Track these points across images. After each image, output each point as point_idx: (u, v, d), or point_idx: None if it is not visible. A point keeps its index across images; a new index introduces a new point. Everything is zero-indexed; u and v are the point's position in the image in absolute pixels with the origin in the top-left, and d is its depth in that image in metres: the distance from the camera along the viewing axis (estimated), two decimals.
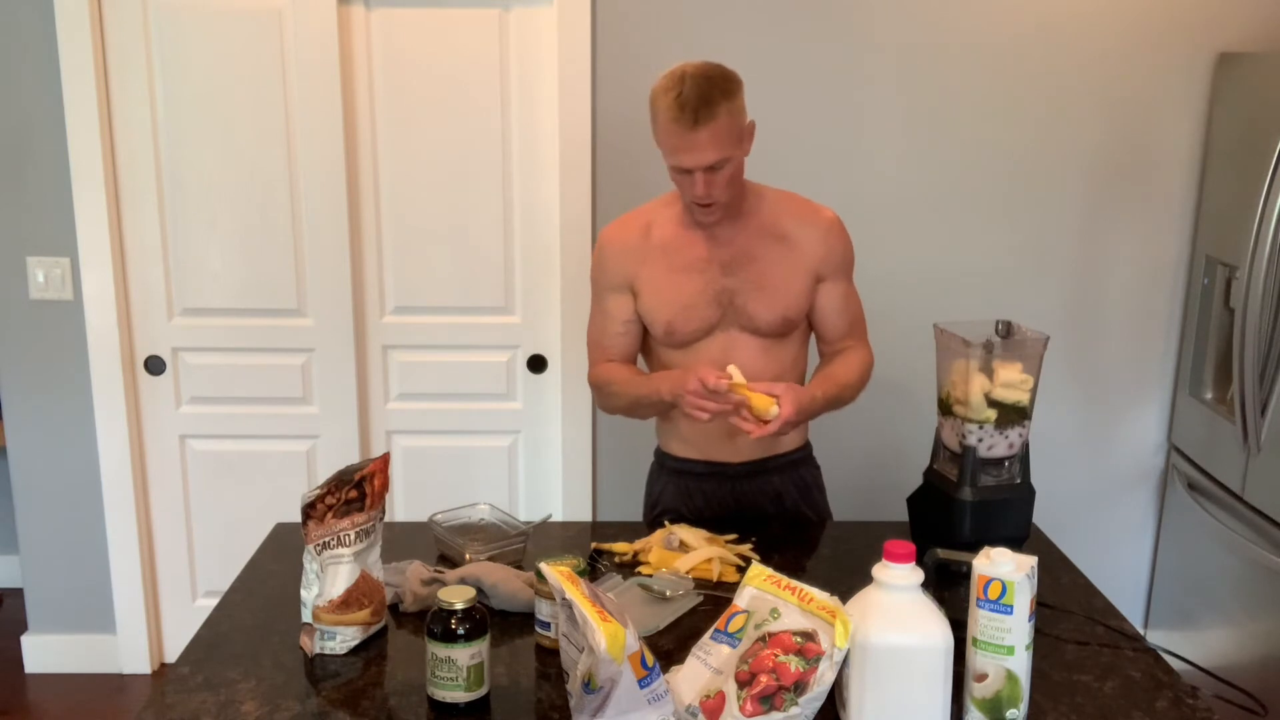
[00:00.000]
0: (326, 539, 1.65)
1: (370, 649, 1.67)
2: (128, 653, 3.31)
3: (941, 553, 1.78)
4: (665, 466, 2.28)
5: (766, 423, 1.91)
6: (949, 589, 1.74)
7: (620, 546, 2.01)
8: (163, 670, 3.37)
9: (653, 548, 1.97)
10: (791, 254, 2.09)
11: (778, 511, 2.22)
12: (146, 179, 3.07)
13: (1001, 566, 1.43)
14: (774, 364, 2.13)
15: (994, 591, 1.43)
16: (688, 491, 2.23)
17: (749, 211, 2.09)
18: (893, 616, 1.41)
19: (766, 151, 3.03)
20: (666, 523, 2.06)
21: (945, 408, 1.99)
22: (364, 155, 3.09)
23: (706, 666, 1.48)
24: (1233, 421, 2.75)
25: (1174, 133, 3.05)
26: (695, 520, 2.11)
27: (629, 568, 1.95)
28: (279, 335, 3.17)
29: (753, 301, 2.07)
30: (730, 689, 1.42)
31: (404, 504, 3.28)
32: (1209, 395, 3.00)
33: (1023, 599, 1.42)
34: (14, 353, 3.14)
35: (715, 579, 1.88)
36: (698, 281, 2.07)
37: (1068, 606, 1.81)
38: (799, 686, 1.39)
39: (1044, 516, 2.30)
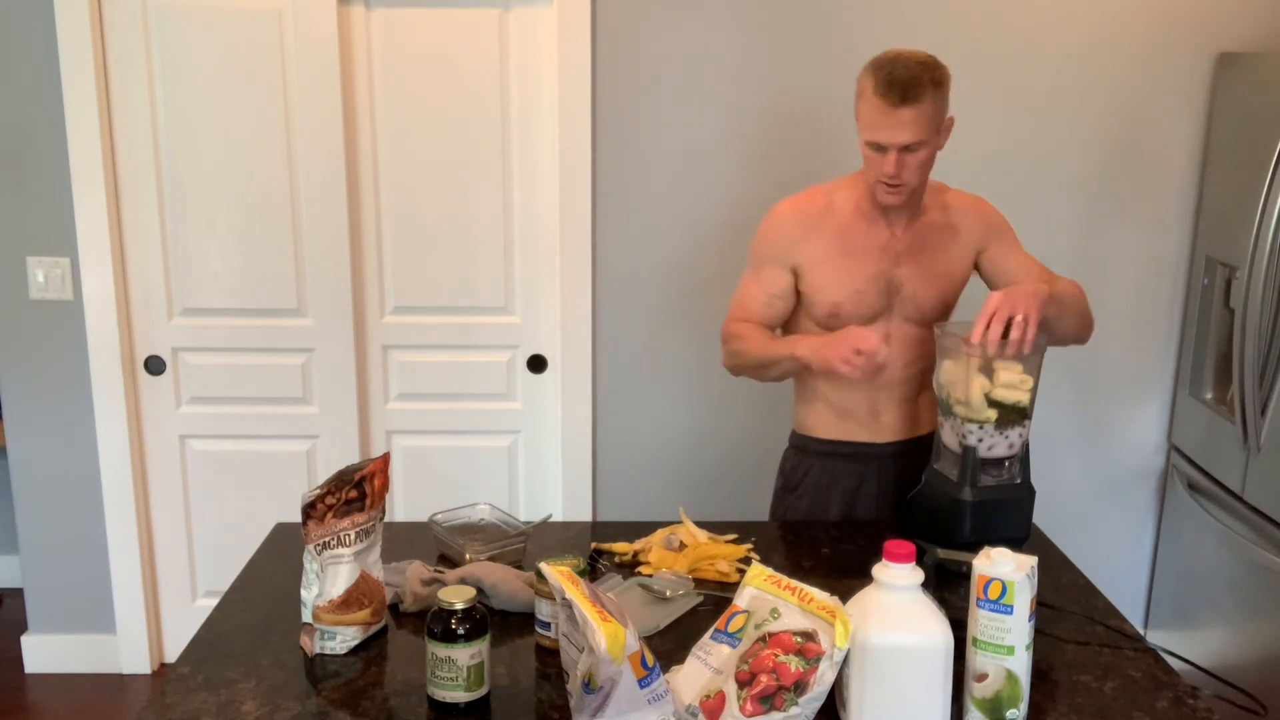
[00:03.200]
0: (326, 539, 1.65)
1: (370, 649, 1.67)
2: (128, 653, 3.31)
3: (941, 553, 1.78)
4: (809, 450, 2.28)
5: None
6: (949, 589, 1.74)
7: (620, 546, 2.01)
8: (163, 670, 3.37)
9: (653, 548, 1.97)
10: (956, 240, 2.16)
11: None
12: (146, 179, 3.07)
13: (1001, 566, 1.43)
14: (923, 355, 2.19)
15: (994, 591, 1.43)
16: (836, 472, 2.24)
17: (923, 204, 2.14)
18: (893, 616, 1.41)
19: (766, 150, 3.04)
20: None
21: (945, 408, 1.99)
22: (364, 155, 3.09)
23: (706, 666, 1.48)
24: (1233, 421, 2.75)
25: (1174, 133, 3.05)
26: (844, 505, 2.19)
27: (629, 568, 1.95)
28: (279, 335, 3.17)
29: (922, 290, 2.13)
30: (730, 689, 1.42)
31: (404, 504, 3.28)
32: (1209, 395, 3.00)
33: (1023, 599, 1.42)
34: (14, 353, 3.14)
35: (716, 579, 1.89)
36: (871, 268, 2.11)
37: (1068, 606, 1.81)
38: (799, 686, 1.39)
39: (1044, 516, 2.29)
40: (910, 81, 1.93)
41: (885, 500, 2.24)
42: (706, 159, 3.06)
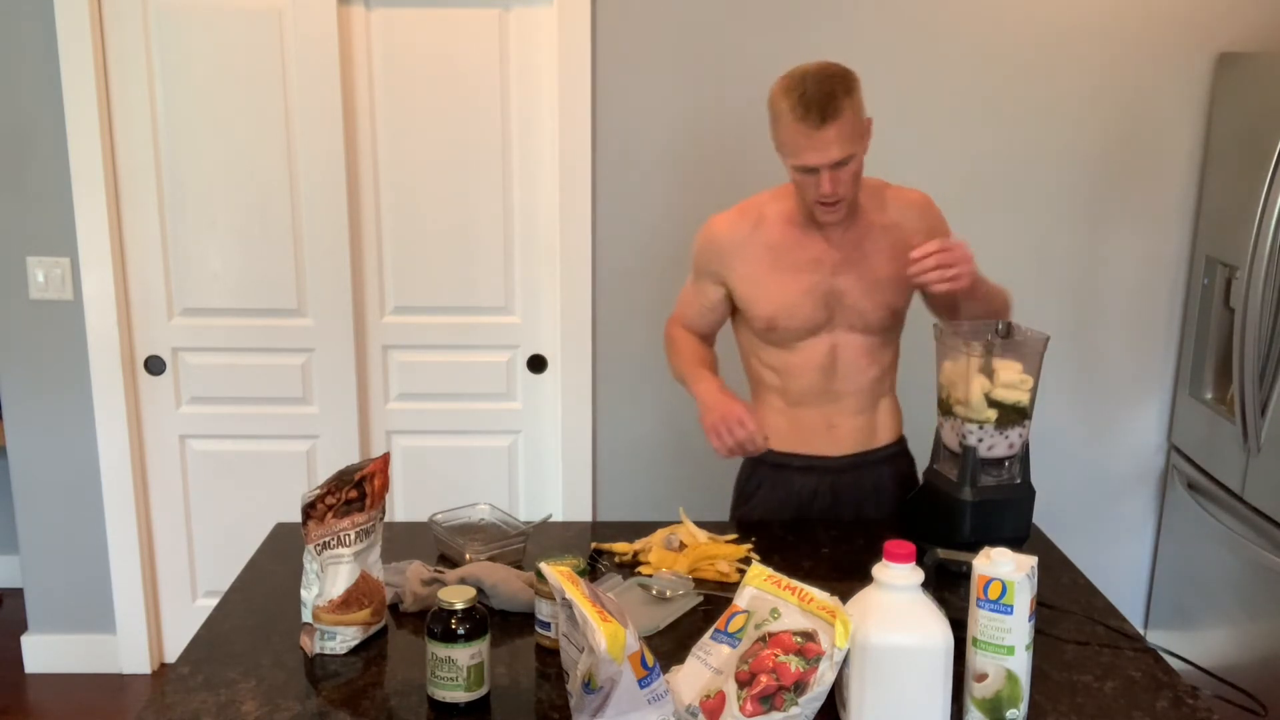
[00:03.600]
0: (326, 539, 1.65)
1: (370, 649, 1.67)
2: (128, 653, 3.31)
3: (941, 553, 1.78)
4: (764, 461, 2.27)
5: None
6: (949, 589, 1.74)
7: (620, 546, 2.01)
8: (163, 670, 3.37)
9: (653, 548, 1.97)
10: (897, 243, 2.10)
11: (877, 506, 2.24)
12: (146, 179, 3.07)
13: (1001, 566, 1.43)
14: (876, 364, 2.16)
15: (994, 591, 1.43)
16: (787, 484, 2.23)
17: (854, 212, 2.10)
18: (893, 616, 1.41)
19: (767, 150, 3.04)
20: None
21: (945, 408, 1.99)
22: (364, 155, 3.09)
23: (706, 666, 1.48)
24: (1233, 421, 2.75)
25: (1174, 133, 3.05)
26: (793, 517, 2.17)
27: (629, 568, 1.94)
28: (279, 335, 3.17)
29: (864, 300, 2.09)
30: (730, 689, 1.42)
31: (404, 504, 3.28)
32: (1209, 395, 3.00)
33: (1023, 599, 1.42)
34: (14, 353, 3.14)
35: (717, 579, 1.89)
36: (805, 281, 2.08)
37: (1068, 606, 1.81)
38: (799, 686, 1.39)
39: (1044, 516, 2.29)
40: (826, 98, 1.89)
41: (839, 513, 2.22)
42: (706, 159, 3.06)
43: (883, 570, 1.43)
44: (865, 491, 2.23)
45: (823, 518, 2.21)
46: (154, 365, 3.19)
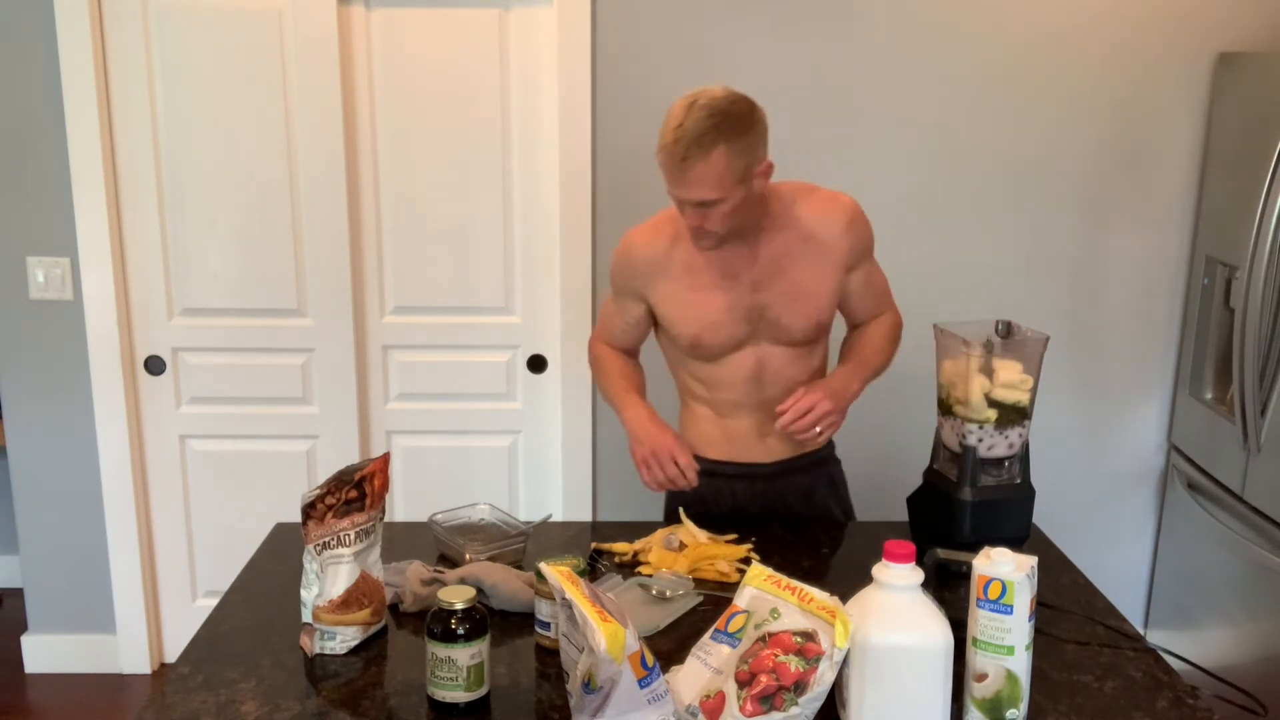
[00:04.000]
0: (326, 539, 1.65)
1: (370, 649, 1.67)
2: (128, 653, 3.31)
3: (941, 553, 1.78)
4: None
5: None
6: (949, 589, 1.74)
7: (620, 546, 2.00)
8: (163, 670, 3.37)
9: (653, 548, 1.97)
10: (820, 255, 2.05)
11: (808, 508, 2.24)
12: (146, 179, 3.07)
13: (1001, 566, 1.43)
14: (803, 371, 2.15)
15: (994, 591, 1.43)
16: (718, 492, 2.22)
17: (775, 224, 2.04)
18: (893, 616, 1.41)
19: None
20: (682, 511, 2.08)
21: (945, 408, 1.99)
22: (364, 155, 3.09)
23: (706, 666, 1.48)
24: (1233, 421, 2.75)
25: (1174, 133, 3.05)
26: (724, 516, 2.15)
27: (629, 568, 1.95)
28: (279, 335, 3.17)
29: (786, 314, 2.06)
30: (730, 689, 1.42)
31: (404, 504, 3.28)
32: (1209, 395, 3.00)
33: (1023, 599, 1.42)
34: (14, 353, 3.14)
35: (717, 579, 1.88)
36: (723, 299, 2.05)
37: (1068, 606, 1.81)
38: (799, 686, 1.39)
39: (1044, 516, 2.29)
40: (697, 139, 1.80)
41: (767, 518, 2.19)
42: None
43: (883, 570, 1.43)
44: (797, 496, 2.23)
45: (754, 522, 2.16)
46: (154, 365, 3.19)
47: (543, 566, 1.49)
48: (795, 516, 2.21)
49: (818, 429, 1.98)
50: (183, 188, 3.08)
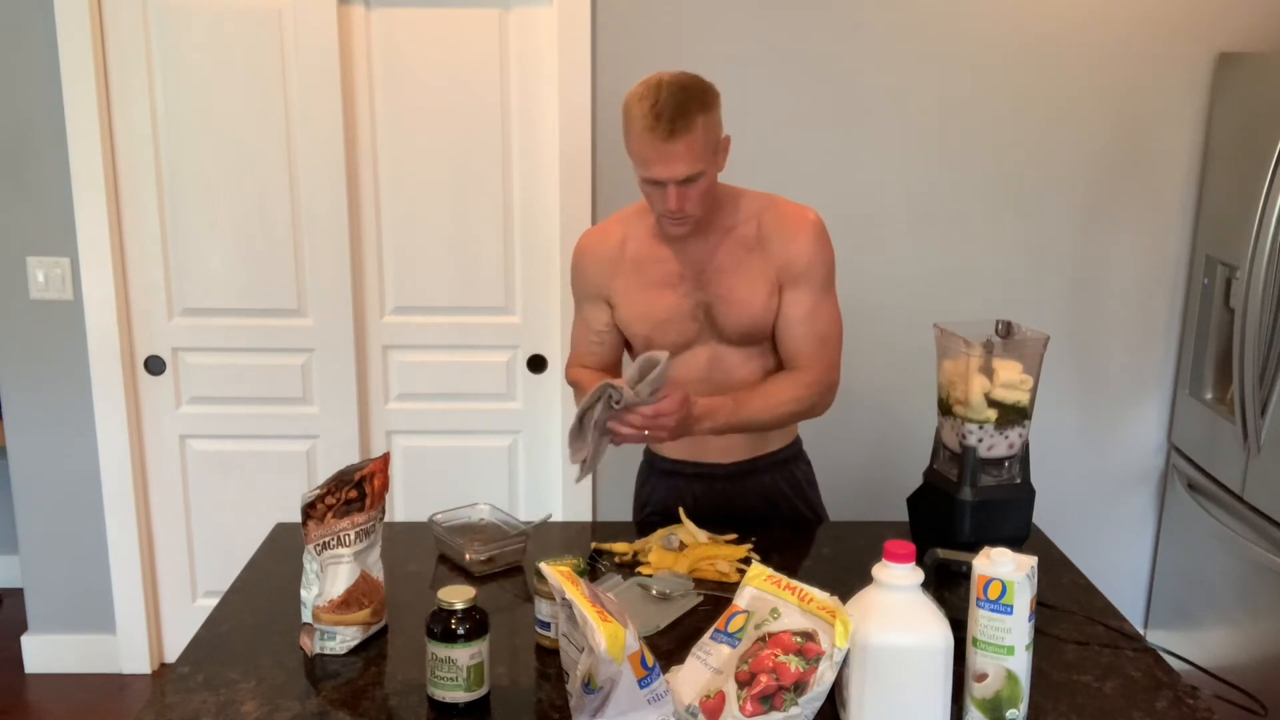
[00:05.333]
0: (326, 539, 1.65)
1: (370, 649, 1.67)
2: (128, 653, 3.31)
3: (941, 553, 1.78)
4: (655, 467, 2.28)
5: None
6: (949, 589, 1.74)
7: (620, 546, 2.00)
8: (163, 670, 3.37)
9: (653, 548, 1.97)
10: (760, 261, 2.03)
11: (770, 511, 2.22)
12: (146, 179, 3.07)
13: (1001, 566, 1.43)
14: (756, 371, 2.11)
15: (994, 591, 1.43)
16: (678, 492, 2.22)
17: (724, 223, 2.04)
18: (893, 616, 1.41)
19: (767, 150, 3.04)
20: (682, 511, 2.07)
21: (945, 408, 1.99)
22: (364, 155, 3.09)
23: (706, 666, 1.48)
24: (1233, 421, 2.75)
25: (1174, 133, 3.05)
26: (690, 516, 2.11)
27: (629, 568, 1.94)
28: (279, 335, 3.17)
29: (722, 315, 2.05)
30: (730, 689, 1.42)
31: (404, 504, 3.28)
32: (1209, 395, 3.00)
33: (1023, 599, 1.42)
34: (14, 353, 3.14)
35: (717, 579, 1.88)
36: (671, 297, 2.05)
37: (1068, 606, 1.81)
38: (799, 686, 1.39)
39: (1044, 516, 2.29)
40: (677, 111, 1.82)
41: (729, 520, 2.14)
42: None
43: (883, 570, 1.43)
44: (758, 497, 2.21)
45: (716, 524, 2.12)
46: (154, 365, 3.19)
47: (543, 566, 1.49)
48: (758, 519, 2.18)
49: (646, 432, 1.90)
50: (183, 188, 3.08)
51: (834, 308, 2.09)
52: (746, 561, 1.93)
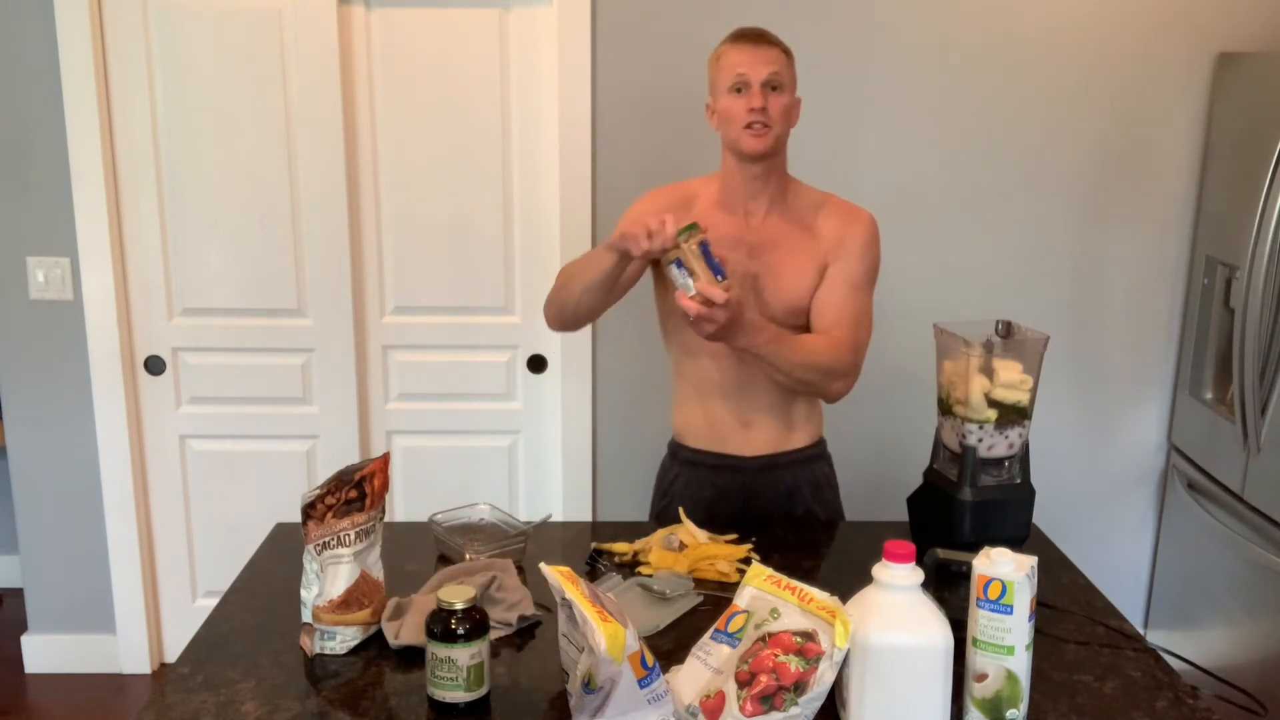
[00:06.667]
0: (326, 539, 1.65)
1: (370, 649, 1.67)
2: (128, 653, 3.31)
3: (941, 553, 1.78)
4: (678, 457, 2.29)
5: (707, 305, 1.85)
6: (949, 589, 1.74)
7: (620, 546, 2.00)
8: (163, 670, 3.37)
9: (653, 548, 1.97)
10: (810, 244, 2.11)
11: (788, 510, 2.23)
12: (146, 179, 3.07)
13: (1001, 566, 1.43)
14: None
15: (994, 591, 1.43)
16: (699, 483, 2.23)
17: (784, 201, 2.13)
18: (893, 616, 1.41)
19: None
20: (682, 511, 2.07)
21: (945, 408, 1.99)
22: (364, 155, 3.09)
23: (706, 666, 1.48)
24: (1233, 421, 2.75)
25: (1174, 133, 3.05)
26: (704, 516, 2.12)
27: (629, 568, 1.95)
28: (279, 335, 3.17)
29: (769, 288, 2.10)
30: (730, 689, 1.42)
31: (404, 504, 3.28)
32: (1209, 395, 3.00)
33: (1023, 599, 1.42)
34: (14, 353, 3.14)
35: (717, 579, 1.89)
36: (729, 263, 2.06)
37: (1068, 606, 1.81)
38: (799, 686, 1.39)
39: (1044, 516, 2.30)
40: (765, 31, 2.07)
41: (748, 514, 2.19)
42: (707, 159, 3.05)
43: (883, 570, 1.43)
44: (779, 494, 2.22)
45: (735, 518, 2.16)
46: (154, 365, 3.19)
47: (543, 567, 1.49)
48: (773, 515, 2.19)
49: (701, 318, 1.87)
50: (183, 188, 3.08)
51: (870, 303, 2.16)
52: (746, 561, 1.93)
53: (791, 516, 2.22)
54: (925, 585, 1.44)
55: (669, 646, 1.65)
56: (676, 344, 2.23)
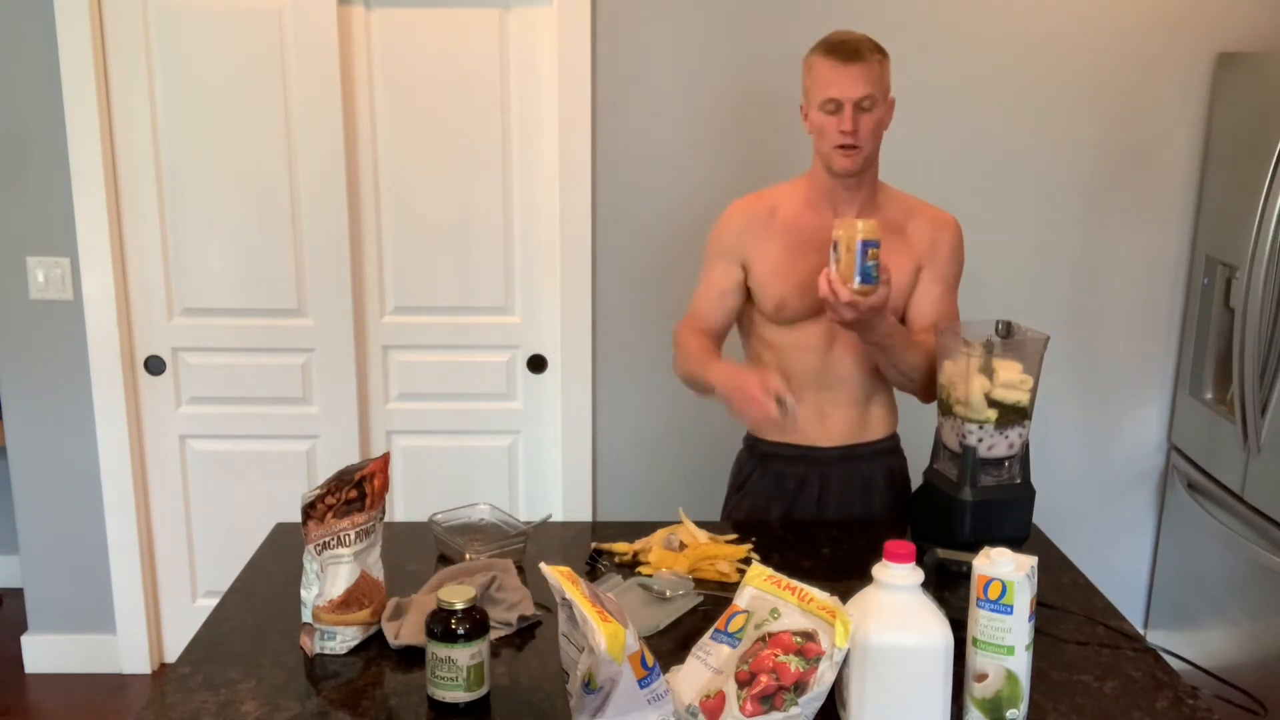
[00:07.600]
0: (326, 539, 1.65)
1: (370, 649, 1.67)
2: (128, 653, 3.31)
3: (941, 553, 1.78)
4: (755, 451, 2.29)
5: (856, 296, 1.88)
6: (949, 589, 1.74)
7: (620, 546, 2.00)
8: (163, 670, 3.37)
9: (653, 548, 1.97)
10: (903, 246, 2.12)
11: (865, 501, 2.24)
12: (146, 179, 3.07)
13: (1001, 566, 1.43)
14: (867, 360, 2.16)
15: (994, 591, 1.43)
16: (778, 476, 2.24)
17: (875, 203, 2.14)
18: (893, 616, 1.41)
19: (767, 149, 3.04)
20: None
21: (945, 408, 1.99)
22: (364, 155, 3.09)
23: (706, 666, 1.48)
24: (1233, 421, 2.75)
25: (1174, 133, 3.05)
26: (785, 510, 2.17)
27: (629, 568, 1.95)
28: (279, 335, 3.17)
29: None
30: (730, 689, 1.42)
31: (404, 504, 3.28)
32: (1209, 395, 3.00)
33: (1023, 599, 1.42)
34: (14, 353, 3.14)
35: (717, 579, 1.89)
36: (816, 260, 2.08)
37: (1068, 606, 1.81)
38: (799, 686, 1.39)
39: (1044, 516, 2.29)
40: (858, 44, 2.03)
41: (826, 505, 2.22)
42: (707, 159, 3.06)
43: (883, 570, 1.43)
44: (854, 486, 2.24)
45: (810, 510, 2.21)
46: (154, 365, 3.19)
47: (543, 566, 1.49)
48: (851, 508, 2.21)
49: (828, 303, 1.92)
50: (183, 188, 3.08)
51: (955, 305, 2.20)
52: (746, 561, 1.93)
53: (871, 510, 2.24)
54: (925, 585, 1.44)
55: (669, 646, 1.65)
56: (758, 337, 2.23)
